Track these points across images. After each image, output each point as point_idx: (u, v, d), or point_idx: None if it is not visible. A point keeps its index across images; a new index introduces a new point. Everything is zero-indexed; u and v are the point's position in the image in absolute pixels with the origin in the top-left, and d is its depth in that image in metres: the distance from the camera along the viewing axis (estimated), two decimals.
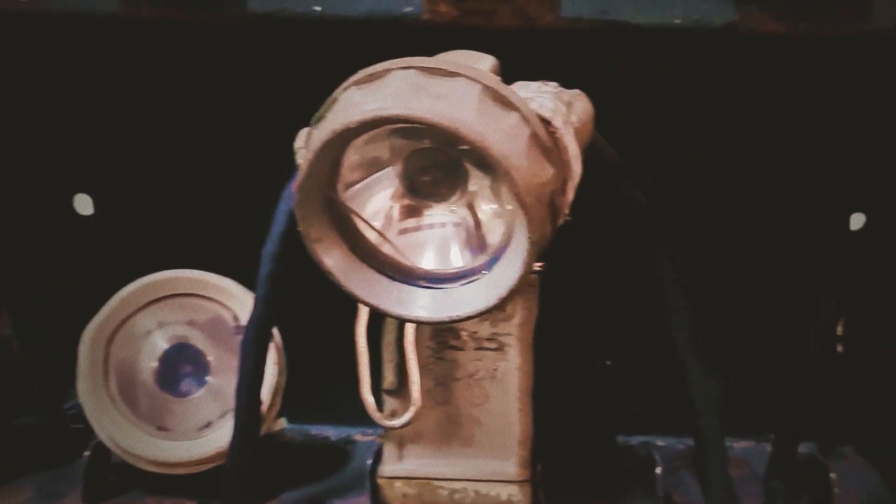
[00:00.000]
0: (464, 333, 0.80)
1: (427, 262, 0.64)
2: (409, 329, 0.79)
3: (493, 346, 0.80)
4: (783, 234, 0.90)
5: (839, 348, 0.87)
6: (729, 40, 0.75)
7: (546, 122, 0.62)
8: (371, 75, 0.61)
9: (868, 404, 0.90)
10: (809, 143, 0.87)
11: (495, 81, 0.60)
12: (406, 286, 0.64)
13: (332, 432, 0.98)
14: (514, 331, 0.80)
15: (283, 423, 0.96)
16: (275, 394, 0.86)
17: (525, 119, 0.60)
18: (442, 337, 0.80)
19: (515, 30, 0.76)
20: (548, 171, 0.60)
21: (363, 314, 0.78)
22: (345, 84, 0.62)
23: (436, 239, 0.65)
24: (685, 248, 0.81)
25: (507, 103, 0.60)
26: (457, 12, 0.75)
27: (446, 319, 0.63)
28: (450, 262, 0.64)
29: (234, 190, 0.90)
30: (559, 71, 0.68)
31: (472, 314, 0.63)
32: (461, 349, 0.80)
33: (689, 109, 0.86)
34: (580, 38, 0.77)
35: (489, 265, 0.63)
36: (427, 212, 0.65)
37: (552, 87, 0.66)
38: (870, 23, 0.74)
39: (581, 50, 0.78)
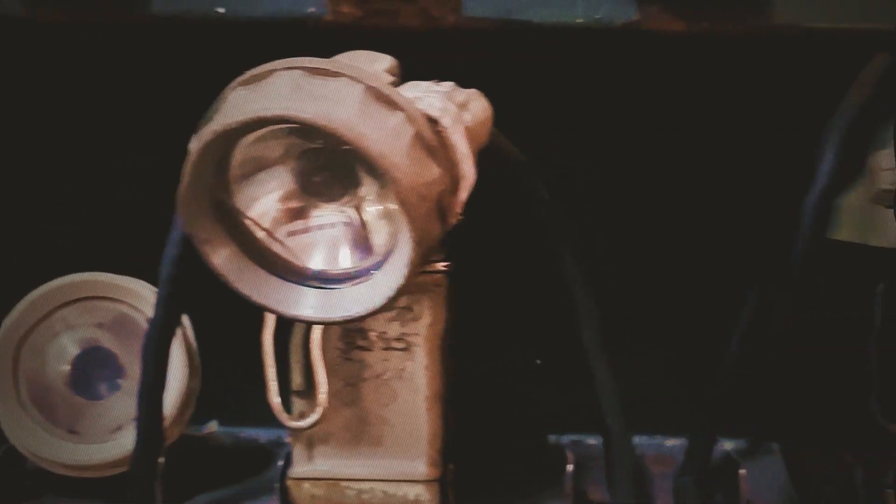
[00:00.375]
0: (372, 334, 0.80)
1: (316, 262, 0.64)
2: (316, 330, 0.78)
3: (400, 346, 0.80)
4: (697, 228, 0.90)
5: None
6: (630, 39, 0.76)
7: (433, 122, 0.62)
8: (255, 76, 0.61)
9: (799, 400, 0.91)
10: (713, 139, 0.87)
11: (380, 81, 0.60)
12: (296, 286, 0.64)
13: (262, 435, 0.97)
14: (422, 331, 0.79)
15: (213, 426, 0.96)
16: (187, 396, 0.85)
17: (410, 119, 0.60)
18: (350, 338, 0.80)
19: (419, 30, 0.75)
20: (433, 171, 0.60)
21: (270, 318, 0.77)
22: (232, 84, 0.62)
23: (325, 239, 0.65)
24: (599, 246, 0.81)
25: (390, 103, 0.60)
26: (360, 13, 0.75)
27: (337, 319, 0.64)
28: (338, 263, 0.64)
29: (144, 191, 0.89)
30: (462, 71, 0.68)
31: (361, 314, 0.63)
32: (369, 349, 0.80)
33: (592, 108, 0.86)
34: (483, 38, 0.77)
35: (379, 265, 0.63)
36: (317, 212, 0.65)
37: (445, 86, 0.66)
38: (771, 20, 0.74)
39: (484, 50, 0.78)
